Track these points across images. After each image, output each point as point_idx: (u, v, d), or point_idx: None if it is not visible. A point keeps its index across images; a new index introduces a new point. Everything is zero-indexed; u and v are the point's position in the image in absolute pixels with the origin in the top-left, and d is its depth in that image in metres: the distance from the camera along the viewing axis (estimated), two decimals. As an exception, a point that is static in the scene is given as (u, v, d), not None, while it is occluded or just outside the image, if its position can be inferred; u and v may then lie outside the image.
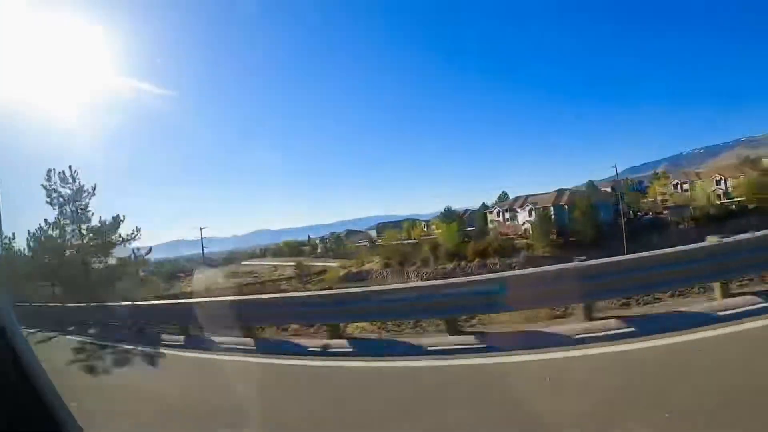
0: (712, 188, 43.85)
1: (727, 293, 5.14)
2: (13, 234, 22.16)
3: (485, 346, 4.86)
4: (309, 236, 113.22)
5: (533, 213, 43.84)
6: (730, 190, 42.56)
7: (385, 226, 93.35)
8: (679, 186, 49.67)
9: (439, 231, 49.01)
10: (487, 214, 53.94)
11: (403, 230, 78.96)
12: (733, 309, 4.62)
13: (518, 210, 47.82)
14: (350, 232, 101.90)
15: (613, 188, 57.87)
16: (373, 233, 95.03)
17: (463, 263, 42.92)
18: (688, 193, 47.42)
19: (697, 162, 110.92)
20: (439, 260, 47.07)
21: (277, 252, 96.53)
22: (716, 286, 5.21)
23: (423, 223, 76.68)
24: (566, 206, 41.11)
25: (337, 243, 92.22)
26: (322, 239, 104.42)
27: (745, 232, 5.46)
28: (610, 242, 37.51)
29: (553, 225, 40.44)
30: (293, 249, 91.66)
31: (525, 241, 42.33)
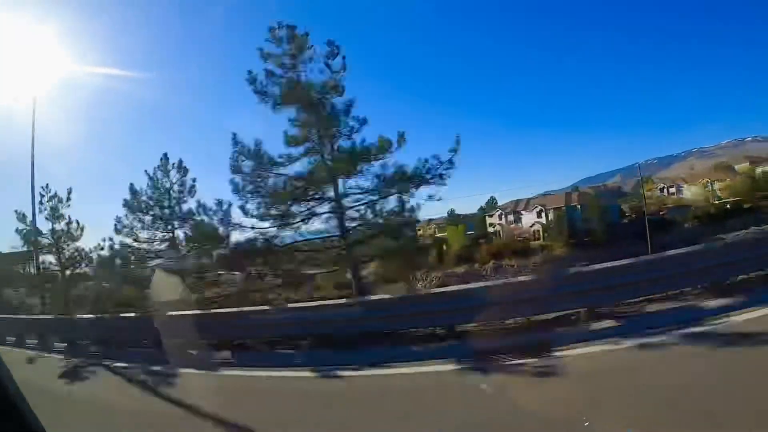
0: (701, 191, 46.48)
1: None
2: (69, 190, 15.06)
3: None
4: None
5: (542, 214, 43.90)
6: (718, 192, 45.29)
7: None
8: (665, 190, 52.32)
9: (445, 233, 47.82)
10: (487, 217, 53.59)
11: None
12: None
13: (523, 212, 47.83)
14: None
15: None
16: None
17: (476, 266, 41.90)
18: (675, 195, 50.05)
19: (651, 172, 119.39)
20: (445, 263, 45.72)
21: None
22: None
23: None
24: (579, 207, 41.60)
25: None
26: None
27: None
28: (624, 241, 38.26)
29: (567, 225, 40.60)
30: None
31: (537, 242, 42.14)
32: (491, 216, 53.27)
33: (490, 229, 51.23)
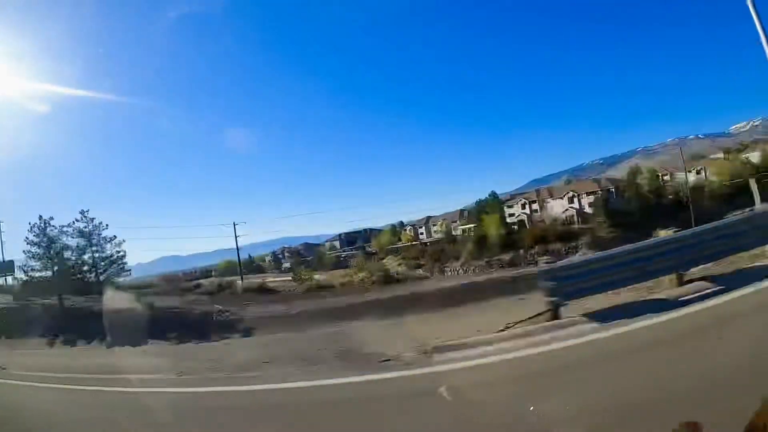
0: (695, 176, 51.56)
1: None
2: None
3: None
4: (249, 254, 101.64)
5: (575, 200, 45.56)
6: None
7: (353, 236, 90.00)
8: (660, 177, 57.35)
9: (478, 224, 47.78)
10: (505, 207, 54.48)
11: (384, 237, 76.73)
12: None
13: (549, 200, 49.29)
14: (308, 246, 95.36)
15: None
16: (337, 244, 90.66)
17: (521, 251, 42.10)
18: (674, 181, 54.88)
19: (597, 172, 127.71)
20: (486, 252, 45.32)
21: (226, 272, 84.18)
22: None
23: (409, 228, 74.93)
24: (614, 191, 43.87)
25: (303, 256, 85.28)
26: (274, 255, 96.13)
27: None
28: (662, 221, 40.94)
29: (605, 209, 42.50)
30: (253, 266, 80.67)
31: (576, 226, 43.54)
32: (511, 207, 54.23)
33: (510, 219, 52.09)
